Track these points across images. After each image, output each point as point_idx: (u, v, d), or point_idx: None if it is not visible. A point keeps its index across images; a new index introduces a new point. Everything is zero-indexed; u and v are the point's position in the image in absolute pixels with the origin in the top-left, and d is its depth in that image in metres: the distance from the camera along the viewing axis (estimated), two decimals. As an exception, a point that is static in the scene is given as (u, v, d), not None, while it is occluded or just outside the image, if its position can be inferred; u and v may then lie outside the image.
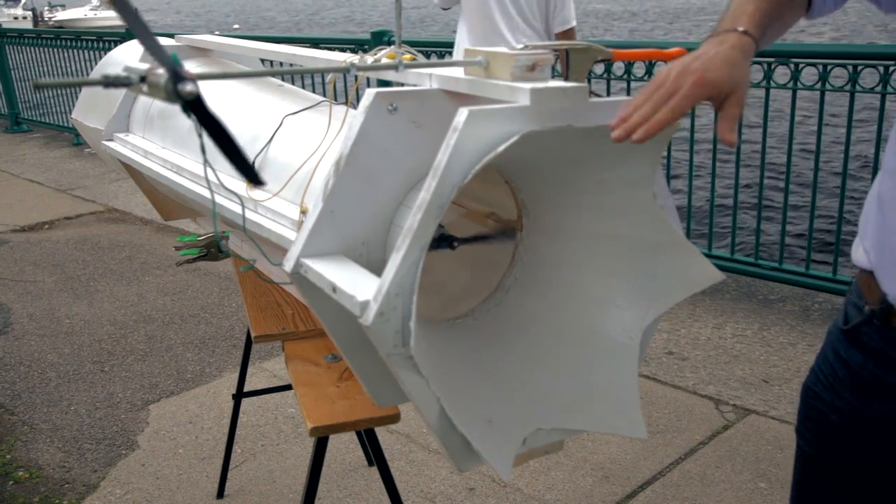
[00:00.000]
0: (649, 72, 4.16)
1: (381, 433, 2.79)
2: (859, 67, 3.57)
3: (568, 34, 3.97)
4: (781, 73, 3.76)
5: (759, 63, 3.75)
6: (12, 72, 9.24)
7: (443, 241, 1.24)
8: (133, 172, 2.19)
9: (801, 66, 3.69)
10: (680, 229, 1.14)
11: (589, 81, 1.25)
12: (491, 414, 1.09)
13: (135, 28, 0.85)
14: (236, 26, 45.16)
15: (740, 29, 1.06)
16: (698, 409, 3.05)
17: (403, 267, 0.92)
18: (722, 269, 1.44)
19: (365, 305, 0.93)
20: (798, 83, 3.72)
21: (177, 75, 0.82)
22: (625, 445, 2.84)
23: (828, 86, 3.64)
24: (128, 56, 2.22)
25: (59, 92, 8.85)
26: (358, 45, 5.52)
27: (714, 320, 3.77)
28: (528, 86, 0.98)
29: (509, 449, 1.08)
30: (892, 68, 3.46)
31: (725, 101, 1.01)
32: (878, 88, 3.53)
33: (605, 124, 0.99)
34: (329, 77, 1.50)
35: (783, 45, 3.91)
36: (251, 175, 0.93)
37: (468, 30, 4.07)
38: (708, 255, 4.05)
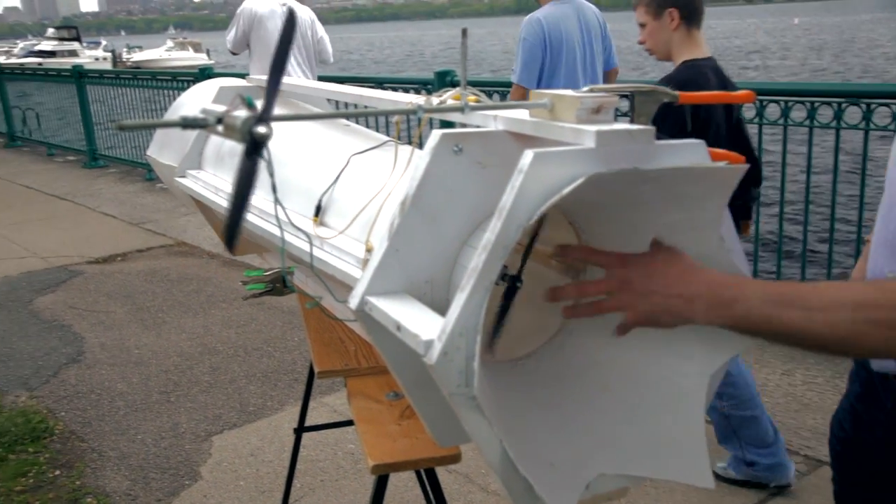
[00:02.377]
0: (715, 111, 4.11)
1: (440, 472, 2.78)
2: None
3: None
4: (883, 115, 3.63)
5: (857, 105, 3.62)
6: (91, 108, 9.63)
7: (506, 281, 1.24)
8: (203, 207, 2.25)
9: None
10: (748, 273, 1.12)
11: (651, 122, 1.25)
12: (553, 457, 1.08)
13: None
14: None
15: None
16: (766, 457, 2.96)
17: (468, 307, 0.92)
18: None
19: (429, 344, 0.93)
20: (870, 123, 3.61)
21: (254, 117, 0.84)
22: (690, 495, 2.76)
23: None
24: (199, 98, 2.30)
25: (136, 131, 9.17)
26: (421, 85, 5.59)
27: (783, 366, 3.66)
28: (593, 128, 0.98)
29: (572, 494, 1.06)
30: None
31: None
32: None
33: (671, 167, 0.98)
34: (395, 117, 1.53)
35: (856, 86, 3.83)
36: (230, 239, 0.94)
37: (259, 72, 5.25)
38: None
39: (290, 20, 0.95)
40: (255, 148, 0.88)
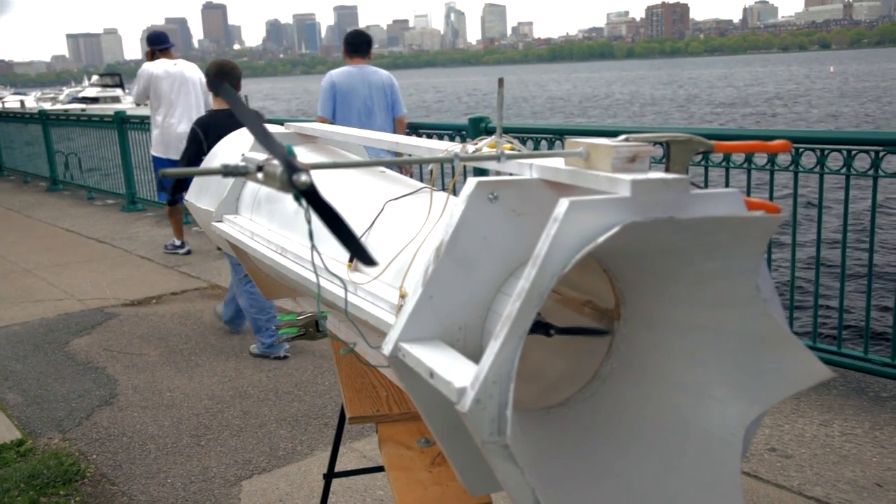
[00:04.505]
0: (748, 159, 4.11)
1: (470, 521, 2.75)
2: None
3: None
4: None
5: (867, 152, 3.66)
6: (131, 152, 9.84)
7: (539, 328, 1.24)
8: (239, 252, 2.28)
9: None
10: (785, 323, 1.11)
11: (686, 171, 1.25)
12: (587, 508, 1.06)
13: (252, 126, 0.91)
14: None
15: None
16: (804, 512, 2.89)
17: (501, 354, 0.92)
18: (828, 363, 1.41)
19: (462, 392, 0.93)
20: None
21: (291, 166, 0.86)
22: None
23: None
24: (236, 145, 2.34)
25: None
26: (456, 131, 5.65)
27: (820, 417, 3.58)
28: (628, 177, 0.98)
29: (605, 545, 1.04)
30: None
31: None
32: None
33: (707, 216, 0.98)
34: (431, 165, 1.55)
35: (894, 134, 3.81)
36: (365, 258, 0.97)
37: (160, 122, 7.12)
38: (812, 348, 3.89)
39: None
40: (310, 195, 0.91)
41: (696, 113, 34.39)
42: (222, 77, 4.68)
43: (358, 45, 5.84)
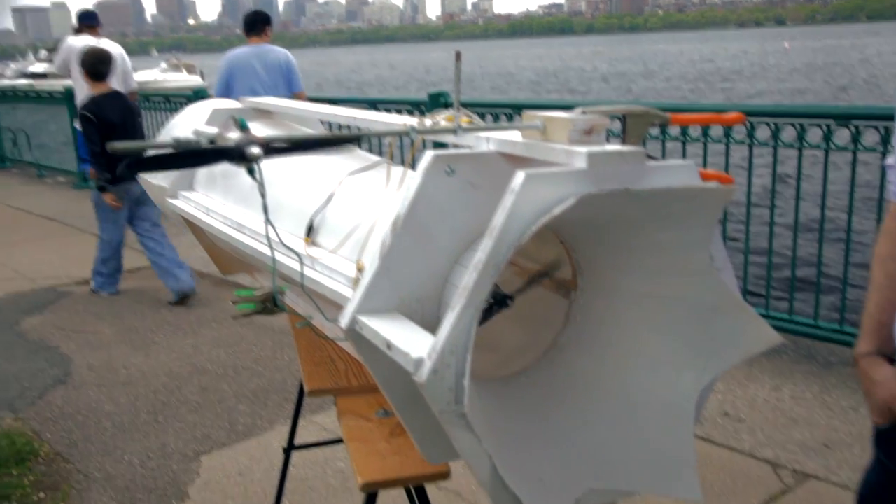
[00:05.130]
0: (705, 133, 4.15)
1: (430, 489, 2.77)
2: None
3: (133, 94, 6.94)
4: (844, 136, 3.72)
5: (819, 126, 3.72)
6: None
7: (497, 299, 1.25)
8: (194, 228, 2.26)
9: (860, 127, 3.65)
10: (737, 291, 1.13)
11: (644, 143, 1.27)
12: (543, 473, 1.08)
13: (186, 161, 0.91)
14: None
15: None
16: (755, 473, 2.97)
17: (458, 325, 0.93)
18: (780, 330, 1.44)
19: (419, 363, 0.94)
20: (859, 145, 3.66)
21: (240, 143, 0.85)
22: None
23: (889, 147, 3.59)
24: (192, 119, 2.30)
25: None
26: (414, 106, 5.62)
27: (771, 381, 3.68)
28: (584, 149, 0.99)
29: (562, 510, 1.06)
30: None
31: None
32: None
33: (661, 187, 1.00)
34: (388, 138, 1.54)
35: (845, 108, 3.87)
36: (349, 139, 0.99)
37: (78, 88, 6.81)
38: (765, 316, 3.97)
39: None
40: (267, 153, 0.92)
41: (653, 87, 34.63)
42: (101, 64, 5.09)
43: (253, 23, 6.06)
